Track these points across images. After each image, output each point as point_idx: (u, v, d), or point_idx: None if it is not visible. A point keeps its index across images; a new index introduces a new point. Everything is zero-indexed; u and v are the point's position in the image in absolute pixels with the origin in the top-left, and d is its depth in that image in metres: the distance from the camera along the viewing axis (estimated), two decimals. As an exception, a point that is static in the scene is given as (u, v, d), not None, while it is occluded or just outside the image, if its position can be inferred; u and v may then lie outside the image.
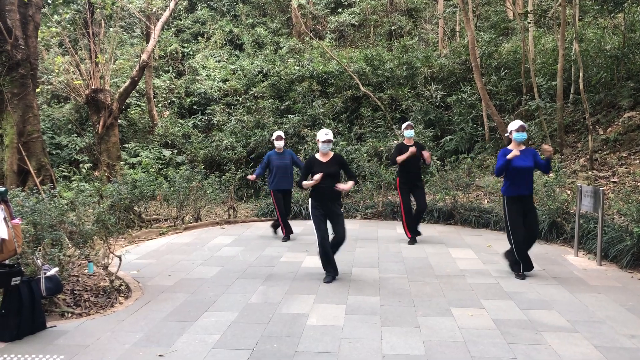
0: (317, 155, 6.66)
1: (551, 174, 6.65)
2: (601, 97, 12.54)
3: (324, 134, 6.55)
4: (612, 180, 9.99)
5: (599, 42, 13.61)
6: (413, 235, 8.66)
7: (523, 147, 6.53)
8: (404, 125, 8.59)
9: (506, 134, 6.77)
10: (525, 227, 6.50)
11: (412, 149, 8.21)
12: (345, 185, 6.44)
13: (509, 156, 6.29)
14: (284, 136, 9.08)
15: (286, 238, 9.01)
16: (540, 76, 13.76)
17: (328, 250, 6.47)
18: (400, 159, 8.28)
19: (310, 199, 6.58)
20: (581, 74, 11.16)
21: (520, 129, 6.43)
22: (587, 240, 7.77)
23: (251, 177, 9.22)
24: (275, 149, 9.06)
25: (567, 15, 11.95)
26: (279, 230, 9.25)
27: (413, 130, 8.54)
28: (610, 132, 11.44)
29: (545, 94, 13.17)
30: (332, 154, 6.68)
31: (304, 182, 6.53)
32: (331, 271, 6.55)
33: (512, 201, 6.50)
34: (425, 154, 8.34)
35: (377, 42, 21.50)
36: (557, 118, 11.98)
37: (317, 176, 6.33)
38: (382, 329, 4.87)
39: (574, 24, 12.73)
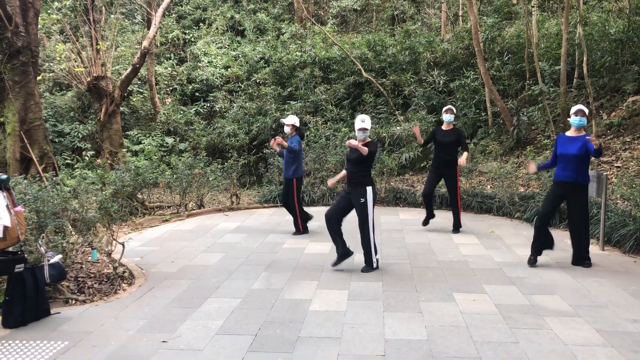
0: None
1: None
2: (605, 82, 12.44)
3: (360, 121, 6.23)
4: (616, 165, 9.95)
5: (604, 25, 13.47)
6: (427, 217, 8.57)
7: (582, 133, 6.22)
8: (444, 109, 8.29)
9: (568, 118, 6.49)
10: (569, 221, 6.41)
11: (415, 128, 8.38)
12: (353, 141, 6.10)
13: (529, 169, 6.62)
14: (287, 122, 8.41)
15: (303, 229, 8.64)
16: (544, 61, 13.65)
17: (328, 229, 6.38)
18: (418, 138, 8.28)
19: None
20: (585, 58, 11.07)
21: (578, 113, 6.12)
22: (590, 225, 7.75)
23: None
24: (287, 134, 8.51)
25: (571, -1, 11.83)
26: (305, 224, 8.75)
27: (452, 115, 8.20)
28: (614, 117, 11.37)
29: (549, 79, 13.08)
30: (367, 140, 6.32)
31: (330, 181, 6.73)
32: (339, 259, 6.47)
33: (554, 185, 6.37)
34: (461, 160, 8.14)
35: (379, 27, 21.34)
36: (560, 103, 11.90)
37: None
38: (385, 314, 4.88)
39: (578, 7, 12.59)
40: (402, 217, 9.64)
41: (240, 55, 19.76)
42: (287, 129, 8.41)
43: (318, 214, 9.73)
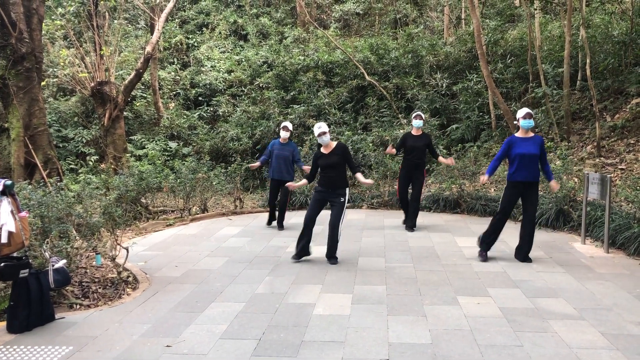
0: (322, 148, 6.90)
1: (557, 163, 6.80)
2: (608, 84, 12.43)
3: (317, 128, 6.81)
4: (620, 167, 9.92)
5: (606, 27, 13.46)
6: (406, 223, 8.95)
7: (531, 134, 6.64)
8: (413, 115, 8.75)
9: (514, 122, 6.88)
10: (523, 213, 6.77)
11: (388, 150, 8.78)
12: (365, 180, 6.92)
13: (482, 180, 6.85)
14: (290, 128, 9.10)
15: (268, 222, 9.43)
16: (547, 63, 13.64)
17: (305, 229, 6.87)
18: (388, 151, 8.79)
19: (316, 184, 7.01)
20: (588, 61, 11.06)
21: (527, 116, 6.56)
22: (594, 228, 7.74)
23: (253, 165, 9.58)
24: (280, 139, 9.11)
25: (573, 1, 11.82)
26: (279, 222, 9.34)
27: (421, 121, 8.69)
28: (618, 119, 11.34)
29: (552, 81, 13.06)
30: (334, 144, 6.87)
31: (289, 184, 7.13)
32: (296, 251, 7.01)
33: (513, 186, 6.65)
34: (450, 161, 8.75)
35: (382, 30, 21.36)
36: (563, 105, 11.89)
37: (291, 185, 7.11)
38: (389, 318, 4.88)
39: (580, 9, 12.58)
40: (406, 221, 9.62)
41: (243, 60, 19.82)
42: (286, 135, 9.04)
43: (320, 218, 9.72)
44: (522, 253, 6.79)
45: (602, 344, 4.24)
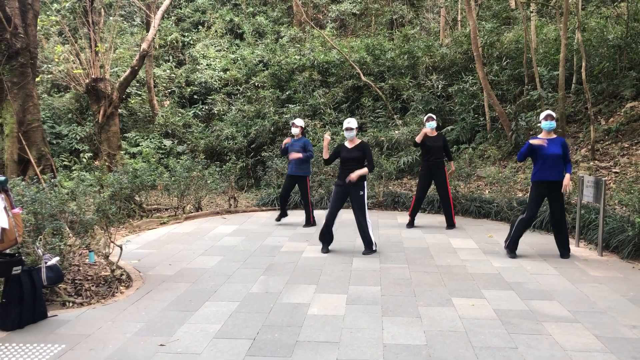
0: (345, 142, 7.41)
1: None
2: (603, 87, 12.48)
3: (346, 123, 7.30)
4: (614, 170, 9.96)
5: (602, 31, 13.52)
6: (411, 219, 9.23)
7: (554, 136, 6.90)
8: (425, 118, 9.11)
9: (539, 124, 7.28)
10: (550, 215, 7.06)
11: (422, 134, 8.96)
12: (354, 173, 7.08)
13: (532, 141, 6.70)
14: (297, 123, 9.26)
15: (279, 218, 9.68)
16: (542, 66, 13.68)
17: (328, 225, 7.34)
18: (418, 138, 8.98)
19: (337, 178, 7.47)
20: (583, 64, 11.10)
21: (549, 117, 6.81)
22: (589, 231, 7.77)
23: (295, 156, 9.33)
24: (295, 136, 9.40)
25: (569, 4, 11.85)
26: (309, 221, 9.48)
27: (434, 122, 9.03)
28: (612, 123, 11.39)
29: (547, 84, 13.10)
30: (358, 140, 7.33)
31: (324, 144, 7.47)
32: (324, 245, 7.49)
33: (537, 185, 6.88)
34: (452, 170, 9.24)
35: (378, 31, 21.38)
36: (558, 108, 11.92)
37: (326, 138, 7.35)
38: (383, 318, 4.87)
39: (576, 13, 12.63)
40: (400, 221, 9.63)
41: (239, 58, 19.77)
42: (296, 130, 9.21)
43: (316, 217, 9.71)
44: (564, 249, 7.05)
45: (597, 346, 4.25)
